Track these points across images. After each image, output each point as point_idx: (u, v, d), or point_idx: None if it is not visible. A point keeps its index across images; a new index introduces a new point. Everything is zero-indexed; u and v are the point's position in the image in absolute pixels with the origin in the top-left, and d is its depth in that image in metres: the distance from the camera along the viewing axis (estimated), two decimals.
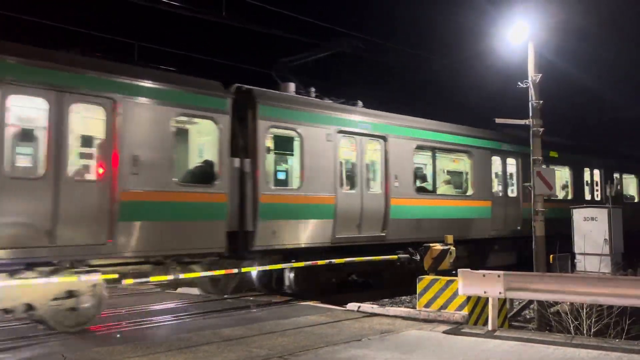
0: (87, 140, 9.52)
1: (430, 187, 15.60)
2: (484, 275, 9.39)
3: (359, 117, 13.60)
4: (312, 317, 10.21)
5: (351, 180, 13.34)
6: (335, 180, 12.72)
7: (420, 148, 15.08)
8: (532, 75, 14.64)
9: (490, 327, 9.21)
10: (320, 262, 12.28)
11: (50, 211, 8.60)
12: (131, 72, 9.94)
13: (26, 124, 8.95)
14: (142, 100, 9.81)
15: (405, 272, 13.72)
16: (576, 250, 15.49)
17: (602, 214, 15.52)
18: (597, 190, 22.10)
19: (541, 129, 14.65)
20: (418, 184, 15.25)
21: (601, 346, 8.08)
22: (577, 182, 21.03)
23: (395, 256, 13.75)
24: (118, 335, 8.75)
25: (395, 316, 10.32)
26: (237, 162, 11.17)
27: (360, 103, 14.27)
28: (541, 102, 14.66)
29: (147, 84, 9.95)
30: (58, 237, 8.65)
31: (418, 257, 13.63)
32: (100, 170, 9.36)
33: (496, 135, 17.69)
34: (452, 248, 13.14)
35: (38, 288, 8.50)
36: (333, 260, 12.43)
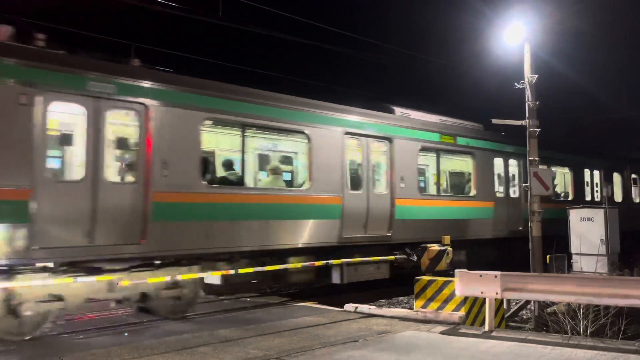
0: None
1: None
2: (480, 276, 9.41)
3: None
4: (309, 318, 10.20)
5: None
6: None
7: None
8: (529, 76, 14.67)
9: (487, 327, 9.23)
10: (317, 263, 12.31)
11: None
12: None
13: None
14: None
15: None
16: (573, 250, 15.52)
17: (598, 215, 15.56)
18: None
19: (537, 130, 14.69)
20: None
21: (598, 346, 8.11)
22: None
23: (393, 257, 13.76)
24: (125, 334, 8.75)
25: (393, 317, 10.32)
26: None
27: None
28: (537, 103, 14.71)
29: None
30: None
31: (415, 258, 13.66)
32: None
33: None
34: (449, 249, 13.17)
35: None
36: (330, 261, 12.47)
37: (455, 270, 9.87)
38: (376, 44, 18.40)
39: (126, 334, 9.04)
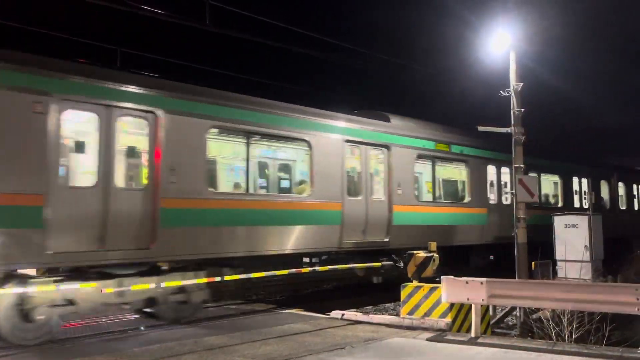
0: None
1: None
2: (467, 282, 9.44)
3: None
4: (295, 325, 10.15)
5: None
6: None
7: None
8: (514, 84, 14.82)
9: (473, 334, 9.25)
10: (304, 270, 12.32)
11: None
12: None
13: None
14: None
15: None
16: (557, 257, 15.64)
17: (582, 221, 15.72)
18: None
19: (523, 137, 14.82)
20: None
21: (582, 352, 8.17)
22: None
23: (379, 263, 13.77)
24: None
25: (379, 324, 10.31)
26: None
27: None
28: (523, 110, 14.85)
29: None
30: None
31: (402, 265, 13.68)
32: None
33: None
34: (436, 255, 13.21)
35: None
36: (317, 268, 12.52)
37: (442, 277, 9.90)
38: (363, 52, 18.41)
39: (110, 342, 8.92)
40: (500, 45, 14.93)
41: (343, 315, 10.96)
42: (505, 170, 18.12)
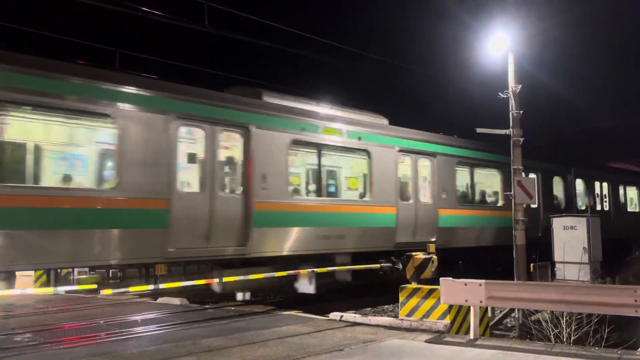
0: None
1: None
2: (465, 284, 9.43)
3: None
4: (294, 327, 10.14)
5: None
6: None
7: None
8: (512, 86, 14.83)
9: (471, 335, 9.24)
10: (302, 271, 12.31)
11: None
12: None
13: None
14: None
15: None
16: (556, 258, 15.66)
17: (581, 223, 15.73)
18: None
19: (521, 139, 14.84)
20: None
21: (580, 354, 8.17)
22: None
23: (378, 265, 13.78)
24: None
25: (378, 325, 10.30)
26: None
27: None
28: (521, 112, 14.87)
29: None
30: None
31: (400, 266, 13.69)
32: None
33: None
34: (434, 257, 13.23)
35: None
36: (316, 270, 12.52)
37: (440, 278, 9.90)
38: (362, 53, 18.43)
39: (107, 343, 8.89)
40: (499, 47, 14.96)
41: (342, 317, 10.95)
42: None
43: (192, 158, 10.85)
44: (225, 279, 11.34)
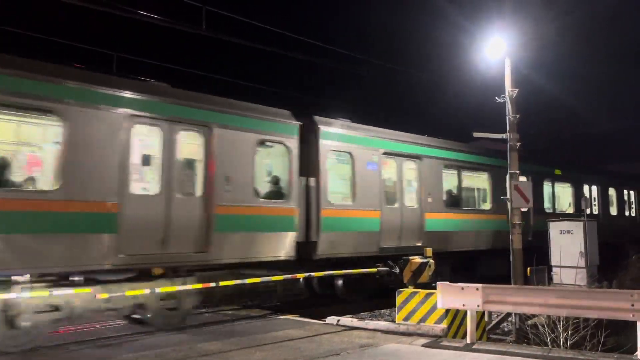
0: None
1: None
2: (462, 288, 9.43)
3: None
4: (290, 331, 10.12)
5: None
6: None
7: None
8: (509, 90, 14.86)
9: (468, 340, 9.24)
10: (299, 275, 12.29)
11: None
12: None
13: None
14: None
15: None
16: (553, 262, 15.66)
17: (577, 227, 15.75)
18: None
19: (518, 143, 14.86)
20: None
21: (577, 358, 8.18)
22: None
23: (375, 269, 13.76)
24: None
25: (375, 330, 10.29)
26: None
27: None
28: (518, 116, 14.89)
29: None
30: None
31: (397, 270, 13.67)
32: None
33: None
34: (432, 261, 13.20)
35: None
36: (312, 274, 12.49)
37: (437, 282, 9.89)
38: (359, 57, 18.49)
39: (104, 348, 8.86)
40: (496, 52, 14.99)
41: (339, 321, 10.93)
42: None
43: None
44: (222, 283, 11.28)
